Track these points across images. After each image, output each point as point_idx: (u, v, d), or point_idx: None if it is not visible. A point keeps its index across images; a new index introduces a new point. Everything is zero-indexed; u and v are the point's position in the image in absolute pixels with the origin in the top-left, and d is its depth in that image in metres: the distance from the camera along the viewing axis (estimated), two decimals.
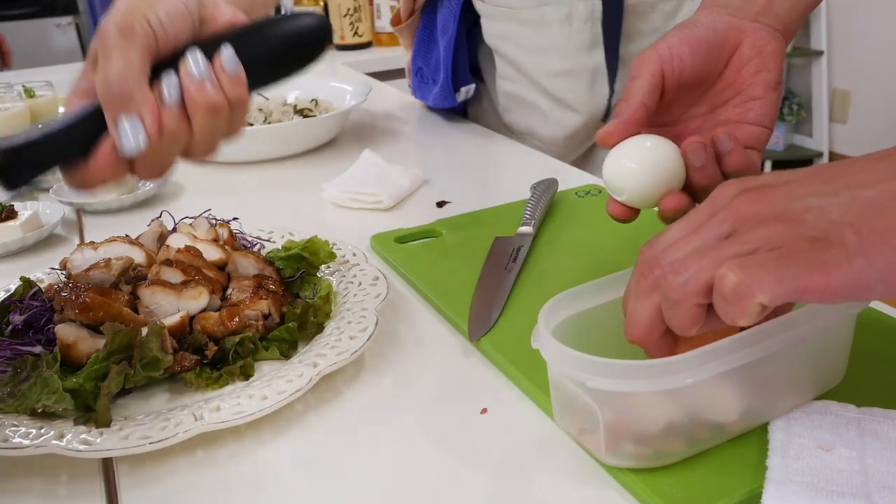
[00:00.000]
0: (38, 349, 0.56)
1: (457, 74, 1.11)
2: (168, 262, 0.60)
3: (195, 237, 0.66)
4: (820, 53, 3.50)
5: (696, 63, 0.52)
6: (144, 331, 0.52)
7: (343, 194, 0.88)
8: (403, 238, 0.76)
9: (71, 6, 4.25)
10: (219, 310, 0.58)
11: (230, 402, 0.49)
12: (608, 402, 0.40)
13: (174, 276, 0.59)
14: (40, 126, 0.45)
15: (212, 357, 0.55)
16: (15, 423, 0.48)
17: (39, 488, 0.46)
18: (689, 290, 0.36)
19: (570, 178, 0.90)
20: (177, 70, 0.46)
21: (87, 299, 0.55)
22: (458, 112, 1.24)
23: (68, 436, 0.46)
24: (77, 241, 0.86)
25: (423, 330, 0.61)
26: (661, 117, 0.55)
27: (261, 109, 1.19)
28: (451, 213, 0.84)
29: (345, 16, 2.05)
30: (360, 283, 0.62)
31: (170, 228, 0.71)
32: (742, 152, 0.50)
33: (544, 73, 1.03)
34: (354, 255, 0.67)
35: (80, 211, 0.94)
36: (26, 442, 0.46)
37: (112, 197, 0.92)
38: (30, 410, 0.49)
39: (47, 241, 0.85)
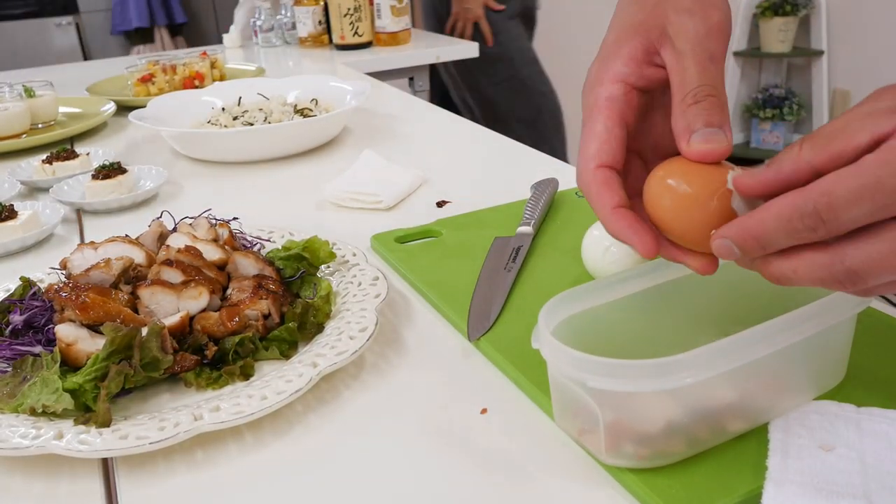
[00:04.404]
0: (38, 349, 0.56)
1: None
2: (168, 262, 0.60)
3: (195, 237, 0.66)
4: (820, 53, 3.50)
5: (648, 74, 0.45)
6: (144, 331, 0.52)
7: (343, 194, 0.88)
8: (403, 238, 0.76)
9: (71, 6, 4.24)
10: (219, 310, 0.58)
11: (230, 403, 0.49)
12: (608, 402, 0.40)
13: (174, 276, 0.59)
14: None
15: (212, 357, 0.55)
16: (15, 423, 0.48)
17: (39, 489, 0.46)
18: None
19: (571, 178, 0.89)
20: None
21: (87, 299, 0.55)
22: None
23: (68, 436, 0.46)
24: (77, 241, 0.86)
25: (423, 330, 0.61)
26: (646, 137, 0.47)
27: (261, 109, 1.19)
28: (451, 213, 0.84)
29: (345, 16, 2.05)
30: (359, 283, 0.62)
31: (170, 228, 0.71)
32: None
33: None
34: (354, 255, 0.67)
35: (80, 211, 0.94)
36: (26, 442, 0.46)
37: (112, 197, 0.92)
38: (29, 410, 0.49)
39: (47, 241, 0.85)
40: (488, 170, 1.02)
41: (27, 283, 0.63)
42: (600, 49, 0.46)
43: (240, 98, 1.26)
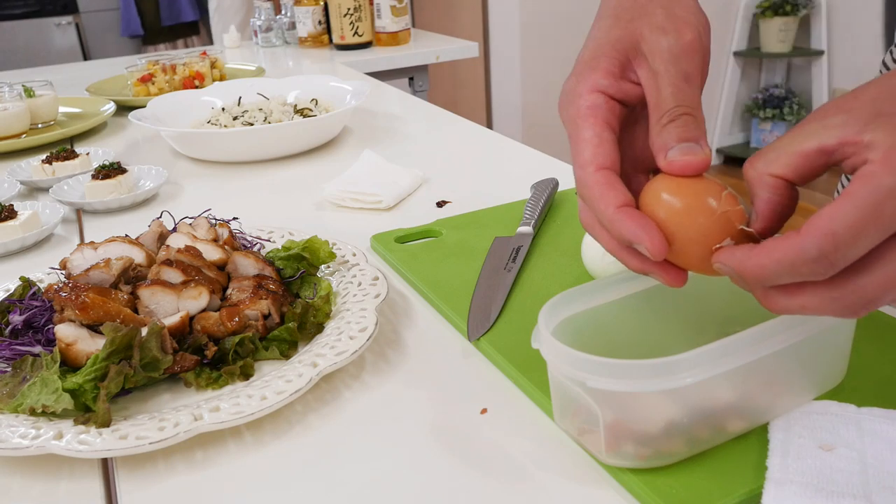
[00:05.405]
0: (37, 349, 0.56)
1: None
2: (168, 262, 0.60)
3: (195, 237, 0.66)
4: (820, 53, 3.50)
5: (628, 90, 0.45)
6: (144, 331, 0.52)
7: (343, 194, 0.88)
8: (403, 238, 0.76)
9: (70, 5, 4.25)
10: (219, 310, 0.58)
11: (229, 403, 0.49)
12: (608, 402, 0.40)
13: (174, 276, 0.59)
14: None
15: (212, 357, 0.55)
16: (14, 423, 0.48)
17: (39, 489, 0.46)
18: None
19: (571, 178, 0.89)
20: None
21: (86, 299, 0.55)
22: None
23: (67, 436, 0.46)
24: (77, 241, 0.86)
25: (423, 330, 0.61)
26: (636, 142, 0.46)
27: (261, 109, 1.19)
28: (451, 213, 0.84)
29: (345, 16, 2.05)
30: (359, 283, 0.62)
31: (170, 228, 0.71)
32: None
33: None
34: (354, 255, 0.67)
35: (80, 211, 0.94)
36: (25, 442, 0.46)
37: (112, 197, 0.92)
38: (29, 410, 0.49)
39: (47, 241, 0.85)
40: (488, 170, 1.02)
41: (27, 283, 0.63)
42: (575, 65, 0.46)
43: (240, 98, 1.26)
